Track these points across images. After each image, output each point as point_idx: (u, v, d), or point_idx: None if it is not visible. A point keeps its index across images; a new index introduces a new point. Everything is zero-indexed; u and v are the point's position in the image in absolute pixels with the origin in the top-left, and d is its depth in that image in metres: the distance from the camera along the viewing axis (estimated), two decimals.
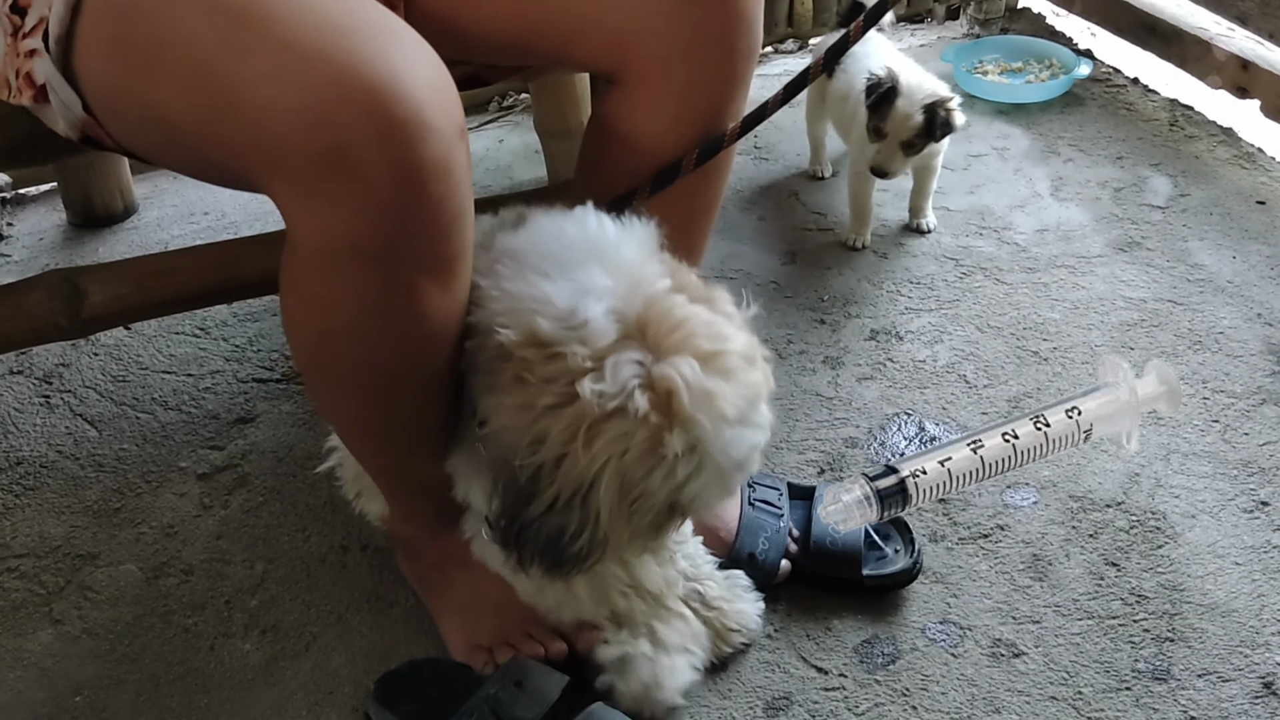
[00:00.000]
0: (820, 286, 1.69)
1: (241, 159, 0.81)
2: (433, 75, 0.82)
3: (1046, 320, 1.61)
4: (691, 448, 0.87)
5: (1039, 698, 1.11)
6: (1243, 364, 1.51)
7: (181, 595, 1.25)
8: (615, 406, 0.85)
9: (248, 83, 0.78)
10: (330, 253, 0.83)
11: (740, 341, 0.92)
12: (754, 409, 0.91)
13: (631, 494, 0.89)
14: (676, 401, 0.86)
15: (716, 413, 0.87)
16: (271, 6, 0.79)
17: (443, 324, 0.91)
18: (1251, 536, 1.27)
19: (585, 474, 0.87)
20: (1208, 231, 1.78)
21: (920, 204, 1.80)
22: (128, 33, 0.85)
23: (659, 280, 0.91)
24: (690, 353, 0.88)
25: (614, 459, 0.86)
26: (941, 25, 2.51)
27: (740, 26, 1.04)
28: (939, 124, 1.63)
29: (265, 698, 1.14)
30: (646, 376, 0.86)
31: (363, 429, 1.02)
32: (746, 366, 0.91)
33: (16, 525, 1.34)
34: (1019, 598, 1.22)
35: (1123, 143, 2.01)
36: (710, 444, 0.88)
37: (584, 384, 0.85)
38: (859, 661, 1.16)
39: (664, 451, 0.86)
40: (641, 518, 0.91)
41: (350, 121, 0.77)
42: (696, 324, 0.89)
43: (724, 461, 0.89)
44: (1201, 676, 1.13)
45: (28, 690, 1.16)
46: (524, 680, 1.06)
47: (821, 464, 1.38)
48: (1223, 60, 1.98)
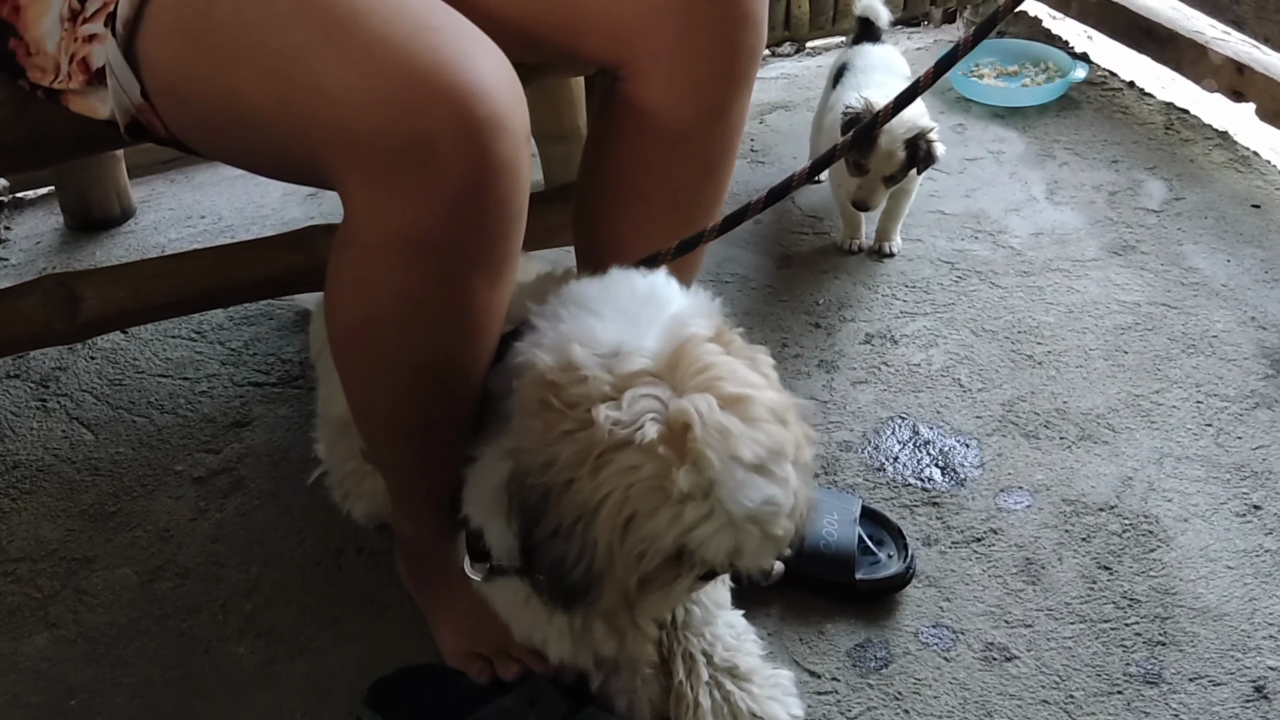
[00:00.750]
0: (815, 290, 1.70)
1: (319, 146, 0.83)
2: (508, 78, 0.85)
3: (1041, 324, 1.61)
4: (702, 490, 0.84)
5: (1031, 701, 1.12)
6: (1236, 368, 1.52)
7: (176, 599, 1.25)
8: (627, 436, 0.84)
9: (334, 70, 0.81)
10: (392, 243, 0.85)
11: (770, 396, 0.89)
12: (775, 461, 0.86)
13: (636, 531, 0.86)
14: (689, 436, 0.84)
15: (730, 452, 0.84)
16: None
17: (483, 321, 0.93)
18: (1244, 540, 1.28)
19: (589, 501, 0.85)
20: (1202, 235, 1.78)
21: (889, 227, 1.76)
22: (206, 17, 0.87)
23: (701, 330, 0.90)
24: (713, 393, 0.86)
25: (618, 490, 0.84)
26: (938, 28, 2.51)
27: (746, 24, 1.05)
28: (921, 158, 1.62)
29: (260, 701, 1.14)
30: (663, 411, 0.85)
31: (389, 424, 1.02)
32: (772, 419, 0.88)
33: (12, 529, 1.34)
34: (1011, 601, 1.22)
35: (1118, 146, 2.01)
36: (721, 486, 0.84)
37: (599, 410, 0.84)
38: (852, 665, 1.16)
39: (670, 488, 0.84)
40: (649, 561, 0.87)
41: (434, 114, 0.80)
42: (725, 369, 0.88)
43: (735, 510, 0.85)
44: (1193, 680, 1.13)
45: (23, 694, 1.16)
46: (537, 700, 1.07)
47: (816, 468, 1.38)
48: (1218, 64, 1.98)
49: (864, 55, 1.81)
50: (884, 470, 1.38)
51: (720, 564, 0.90)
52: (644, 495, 0.84)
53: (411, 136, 0.80)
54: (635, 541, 0.86)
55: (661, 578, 0.90)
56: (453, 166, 0.81)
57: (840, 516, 1.23)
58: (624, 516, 0.85)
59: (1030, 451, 1.40)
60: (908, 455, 1.40)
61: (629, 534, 0.86)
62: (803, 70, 2.33)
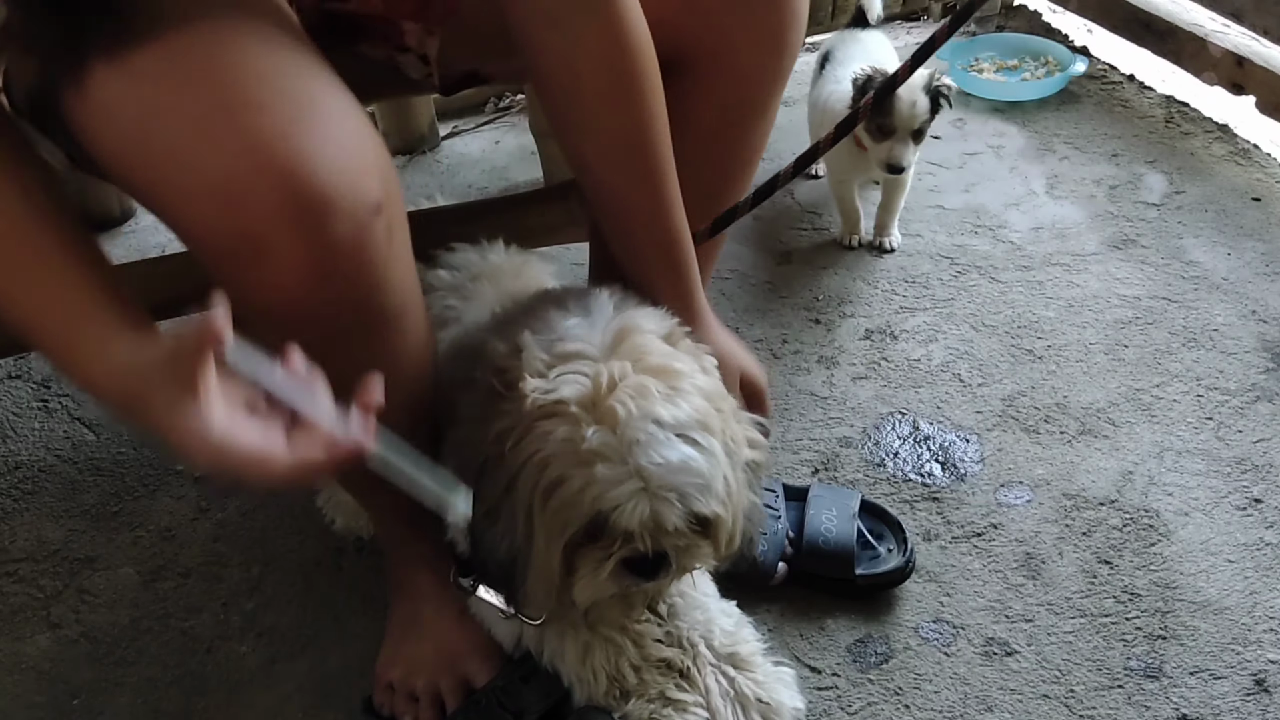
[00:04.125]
0: (815, 286, 1.70)
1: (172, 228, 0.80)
2: (347, 148, 0.78)
3: (1041, 318, 1.61)
4: (616, 451, 0.84)
5: (1031, 696, 1.12)
6: (1237, 361, 1.51)
7: (179, 598, 1.26)
8: (550, 404, 0.85)
9: (170, 156, 0.75)
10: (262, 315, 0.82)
11: (705, 381, 0.90)
12: (697, 431, 0.86)
13: (555, 495, 0.85)
14: (601, 394, 0.85)
15: (647, 412, 0.84)
16: (205, 75, 0.76)
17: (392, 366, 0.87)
18: (1244, 534, 1.28)
19: (512, 469, 0.86)
20: (1203, 228, 1.78)
21: (886, 221, 1.76)
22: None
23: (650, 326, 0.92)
24: (639, 365, 0.87)
25: (538, 454, 0.85)
26: (937, 22, 2.50)
27: (796, 22, 1.06)
28: (944, 97, 1.62)
29: (262, 700, 1.15)
30: (586, 379, 0.86)
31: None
32: (700, 396, 0.88)
33: (15, 529, 1.35)
34: (1012, 596, 1.22)
35: (1118, 140, 2.01)
36: (636, 444, 0.83)
37: (528, 383, 0.86)
38: (852, 661, 1.16)
39: (583, 446, 0.83)
40: (569, 527, 0.86)
41: (254, 208, 0.75)
42: (660, 352, 0.89)
43: (651, 470, 0.84)
44: (1193, 674, 1.13)
45: (26, 694, 1.17)
46: (530, 676, 1.07)
47: (816, 464, 1.39)
48: (1218, 56, 1.98)
49: (849, 42, 1.81)
50: (884, 466, 1.38)
51: (639, 535, 0.88)
52: (560, 457, 0.85)
53: (238, 230, 0.75)
54: (555, 507, 0.86)
55: (587, 555, 0.90)
56: (285, 254, 0.77)
57: (839, 512, 1.23)
58: (544, 482, 0.85)
59: (1030, 446, 1.40)
60: (908, 451, 1.40)
61: (549, 500, 0.86)
62: (802, 65, 2.32)
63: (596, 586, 0.92)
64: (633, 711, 1.03)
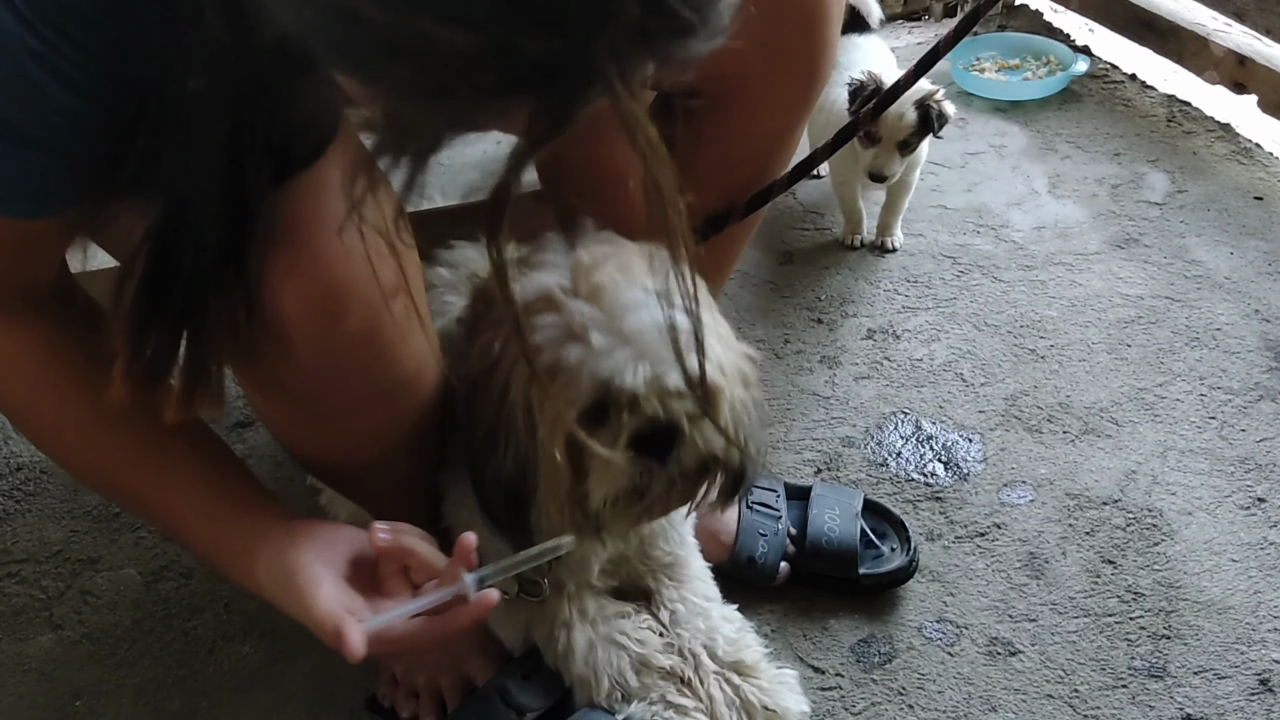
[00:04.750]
0: (817, 286, 1.69)
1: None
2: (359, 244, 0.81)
3: (1044, 318, 1.61)
4: (606, 322, 0.84)
5: (1035, 696, 1.12)
6: (1240, 360, 1.51)
7: (181, 599, 1.26)
8: (533, 298, 0.86)
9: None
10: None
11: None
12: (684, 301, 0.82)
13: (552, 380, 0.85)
14: (583, 275, 0.86)
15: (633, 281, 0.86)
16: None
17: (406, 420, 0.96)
18: (1248, 533, 1.27)
19: (504, 372, 0.87)
20: (1205, 228, 1.78)
21: (890, 221, 1.76)
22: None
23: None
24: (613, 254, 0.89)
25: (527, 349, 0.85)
26: (939, 22, 2.50)
27: (826, 53, 1.05)
28: (934, 117, 1.62)
29: (264, 700, 1.15)
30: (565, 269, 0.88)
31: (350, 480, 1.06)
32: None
33: (17, 531, 1.34)
34: (1015, 596, 1.22)
35: (1120, 139, 2.01)
36: (626, 308, 0.84)
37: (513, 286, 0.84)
38: (855, 661, 1.16)
39: (573, 324, 0.84)
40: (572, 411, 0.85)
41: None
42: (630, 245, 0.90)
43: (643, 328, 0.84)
44: (1198, 673, 1.13)
45: (28, 695, 1.16)
46: (531, 675, 1.07)
47: (818, 464, 1.38)
48: (1220, 56, 1.98)
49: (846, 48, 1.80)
50: (887, 466, 1.38)
51: (645, 399, 0.85)
52: (551, 342, 0.85)
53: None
54: (554, 392, 0.84)
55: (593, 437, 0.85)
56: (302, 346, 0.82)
57: (842, 511, 1.23)
58: (540, 371, 0.84)
59: (1033, 446, 1.40)
60: (910, 450, 1.40)
61: (548, 388, 0.85)
62: None
63: (612, 475, 0.88)
64: (634, 714, 1.03)
